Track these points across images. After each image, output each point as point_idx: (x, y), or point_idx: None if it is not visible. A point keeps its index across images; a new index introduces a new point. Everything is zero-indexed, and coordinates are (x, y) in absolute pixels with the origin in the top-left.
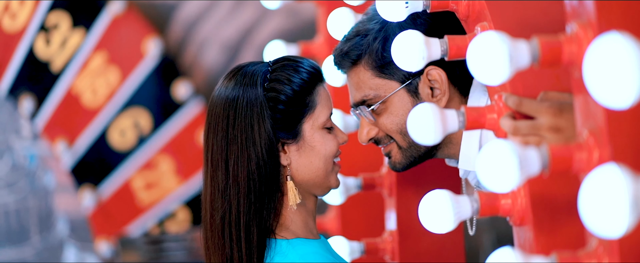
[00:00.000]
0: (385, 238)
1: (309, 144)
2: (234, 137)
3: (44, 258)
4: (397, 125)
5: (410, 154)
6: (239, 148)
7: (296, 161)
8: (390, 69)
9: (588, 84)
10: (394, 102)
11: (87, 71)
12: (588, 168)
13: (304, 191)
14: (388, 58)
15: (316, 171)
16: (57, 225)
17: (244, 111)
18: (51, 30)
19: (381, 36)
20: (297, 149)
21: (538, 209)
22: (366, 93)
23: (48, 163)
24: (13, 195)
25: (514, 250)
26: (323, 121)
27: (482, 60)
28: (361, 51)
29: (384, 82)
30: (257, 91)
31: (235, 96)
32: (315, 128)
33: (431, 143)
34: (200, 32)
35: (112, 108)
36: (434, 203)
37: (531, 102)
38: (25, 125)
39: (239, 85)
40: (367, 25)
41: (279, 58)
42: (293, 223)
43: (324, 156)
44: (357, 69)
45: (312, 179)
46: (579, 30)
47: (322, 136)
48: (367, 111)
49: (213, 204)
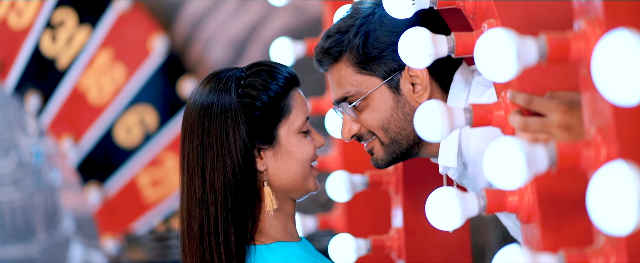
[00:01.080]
0: (391, 236)
1: (286, 149)
2: (209, 144)
3: (50, 255)
4: (379, 121)
5: (393, 150)
6: (215, 155)
7: (273, 166)
8: (371, 65)
9: (596, 81)
10: (376, 98)
11: (93, 68)
12: (596, 165)
13: (283, 196)
14: (369, 54)
15: (294, 176)
16: (63, 222)
17: (219, 118)
18: (57, 27)
19: (362, 32)
20: (274, 154)
21: (545, 206)
22: (348, 90)
23: (54, 160)
24: (19, 192)
25: (521, 248)
26: (299, 126)
27: (489, 57)
28: (342, 48)
29: (366, 79)
30: (231, 97)
31: (210, 102)
32: (291, 132)
33: (438, 140)
34: (206, 29)
35: (118, 105)
36: (441, 200)
37: (541, 99)
38: (31, 122)
39: (214, 91)
40: (347, 22)
41: (253, 63)
42: (272, 228)
43: (301, 161)
44: (338, 66)
45: (290, 183)
46: (587, 27)
47: (299, 141)
48: (349, 107)
49: (190, 212)
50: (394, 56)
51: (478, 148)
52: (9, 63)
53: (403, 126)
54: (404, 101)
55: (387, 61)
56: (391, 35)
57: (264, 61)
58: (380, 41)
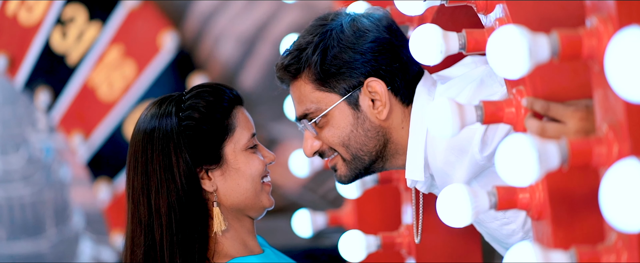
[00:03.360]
0: (401, 233)
1: (233, 167)
2: (153, 171)
3: (60, 251)
4: (339, 138)
5: (355, 166)
6: (159, 181)
7: (223, 186)
8: (330, 82)
9: (609, 78)
10: (335, 115)
11: (103, 64)
12: (608, 162)
13: (238, 214)
14: (328, 71)
15: (245, 193)
16: (73, 218)
17: (161, 144)
18: (67, 23)
19: (319, 49)
20: (222, 173)
21: (556, 203)
22: (307, 107)
23: (64, 156)
24: (29, 187)
25: (532, 245)
26: (245, 143)
27: (502, 54)
28: (301, 65)
29: (325, 96)
30: (172, 121)
31: (152, 128)
32: (238, 150)
33: (449, 136)
34: (216, 25)
35: (128, 101)
36: (452, 197)
37: (558, 106)
38: (41, 118)
39: (155, 117)
40: (306, 39)
41: (194, 86)
42: (230, 247)
43: (250, 177)
44: (298, 83)
45: (242, 201)
46: (599, 25)
47: (246, 157)
48: (309, 124)
49: (134, 240)
50: (353, 73)
51: (445, 158)
52: (19, 59)
53: (364, 142)
54: (363, 118)
55: (346, 77)
56: (349, 52)
57: (205, 83)
58: (338, 58)
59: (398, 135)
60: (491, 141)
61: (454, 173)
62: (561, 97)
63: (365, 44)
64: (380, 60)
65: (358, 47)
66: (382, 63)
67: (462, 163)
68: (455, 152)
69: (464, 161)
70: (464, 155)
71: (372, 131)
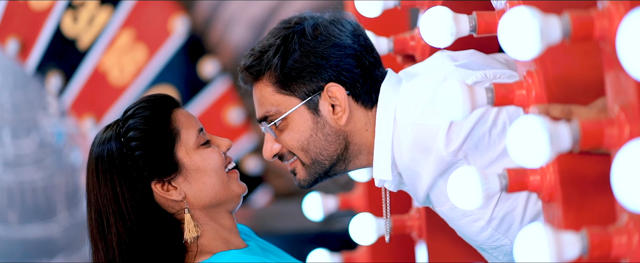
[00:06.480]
0: (412, 215)
1: (193, 169)
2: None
3: (71, 235)
4: (298, 142)
5: (315, 171)
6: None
7: (190, 190)
8: (290, 85)
9: (621, 59)
10: (295, 119)
11: (114, 49)
12: (619, 143)
13: (215, 212)
14: (288, 75)
15: (213, 189)
16: (84, 202)
17: (109, 168)
18: (78, 7)
19: (280, 53)
20: (184, 179)
21: (567, 185)
22: (268, 109)
23: (75, 140)
24: (40, 172)
25: (543, 226)
26: (194, 141)
27: (513, 35)
28: (262, 67)
29: (285, 99)
30: (113, 145)
31: (98, 154)
32: (190, 151)
33: (459, 119)
34: (227, 10)
35: (139, 85)
36: (462, 179)
37: (580, 109)
38: (52, 102)
39: (100, 143)
40: (269, 41)
41: (127, 108)
42: (213, 246)
43: (212, 172)
44: (259, 85)
45: (214, 197)
46: (611, 5)
47: (201, 155)
48: (269, 127)
49: None
50: (313, 77)
51: (411, 157)
52: (30, 43)
53: (324, 146)
54: (323, 122)
55: (306, 81)
56: (311, 56)
57: (135, 102)
58: (299, 61)
59: (361, 137)
60: (456, 137)
61: (421, 170)
62: (572, 79)
63: (327, 49)
64: (341, 65)
65: (319, 51)
66: (343, 68)
67: (428, 160)
68: (421, 150)
69: (430, 159)
70: (430, 153)
71: (332, 136)
